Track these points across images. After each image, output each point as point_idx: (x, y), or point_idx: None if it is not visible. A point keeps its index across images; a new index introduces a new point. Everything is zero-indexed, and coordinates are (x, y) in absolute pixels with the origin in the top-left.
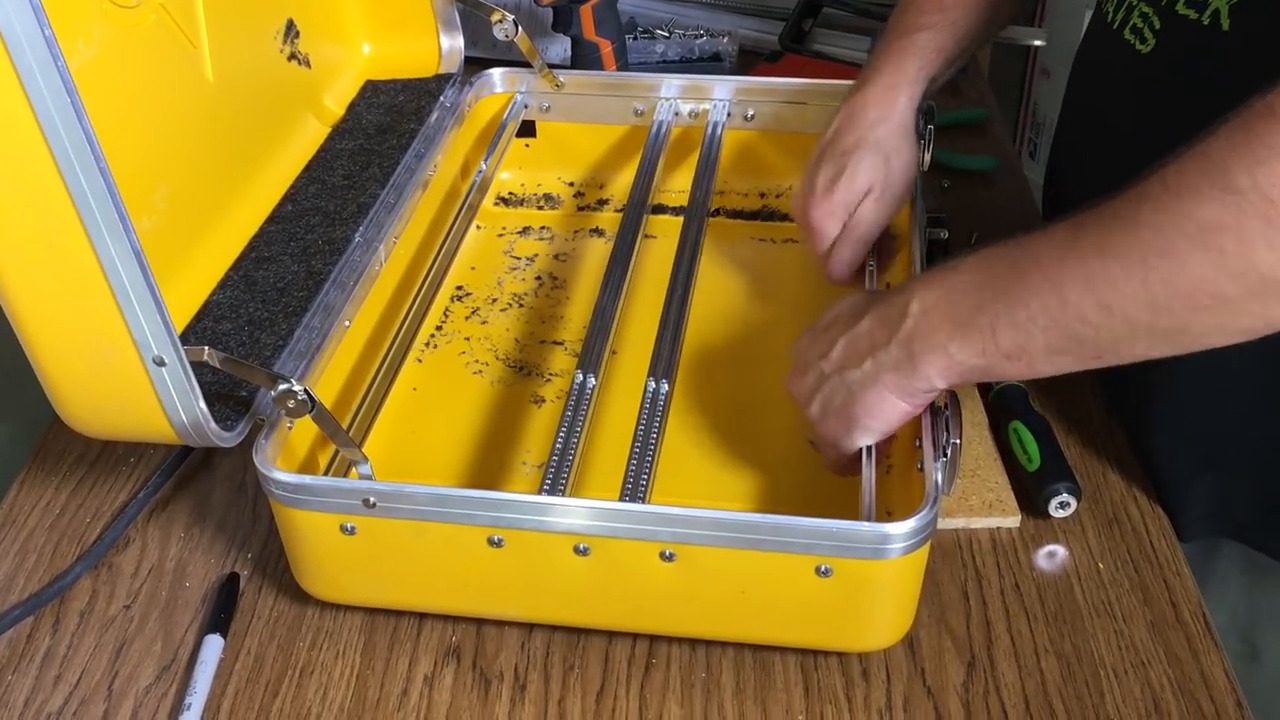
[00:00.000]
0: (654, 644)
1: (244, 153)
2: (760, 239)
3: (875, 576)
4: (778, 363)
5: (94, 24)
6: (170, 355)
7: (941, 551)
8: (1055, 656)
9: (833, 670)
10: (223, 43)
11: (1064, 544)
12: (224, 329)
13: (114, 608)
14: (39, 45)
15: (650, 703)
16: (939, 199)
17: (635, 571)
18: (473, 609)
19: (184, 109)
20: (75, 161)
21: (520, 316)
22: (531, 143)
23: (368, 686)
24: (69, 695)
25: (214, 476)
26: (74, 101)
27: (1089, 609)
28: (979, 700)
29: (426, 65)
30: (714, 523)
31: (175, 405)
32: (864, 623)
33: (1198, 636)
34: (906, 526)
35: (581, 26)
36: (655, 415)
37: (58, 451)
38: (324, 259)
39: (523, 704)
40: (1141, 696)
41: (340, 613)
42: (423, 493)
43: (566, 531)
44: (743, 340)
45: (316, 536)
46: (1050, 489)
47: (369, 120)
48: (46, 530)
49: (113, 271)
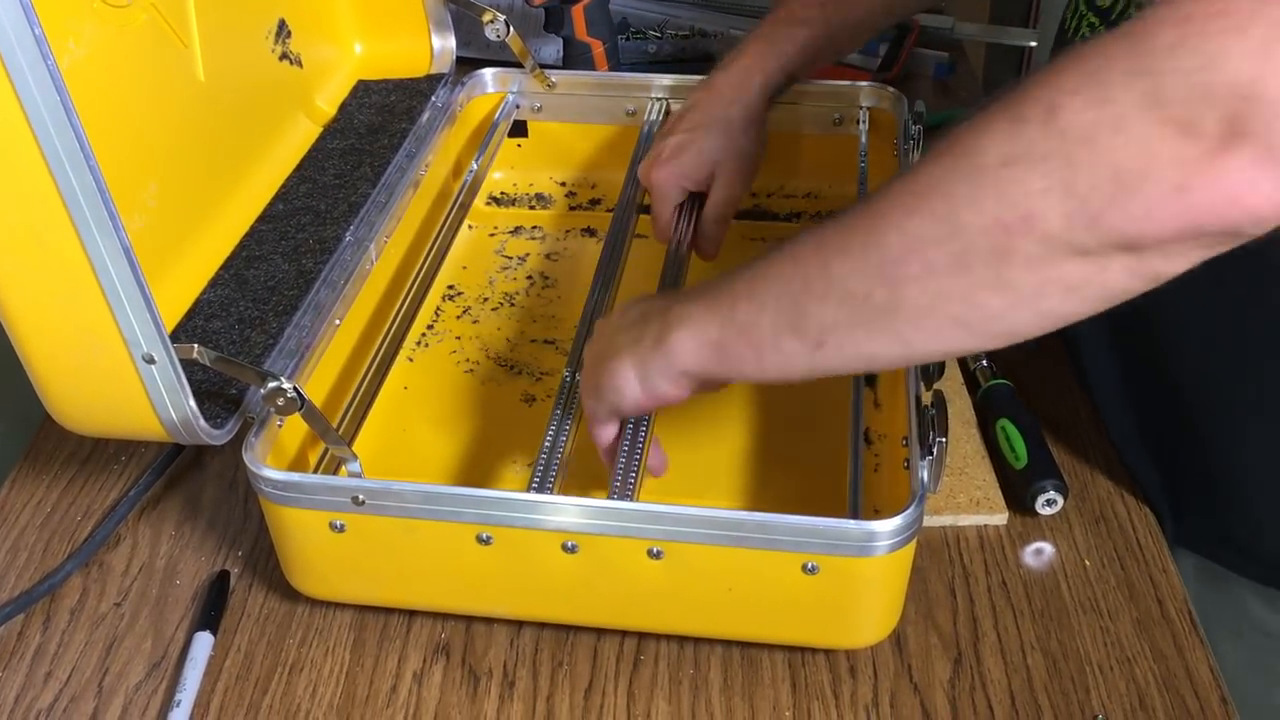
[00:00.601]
0: (642, 641)
1: (235, 152)
2: (751, 238)
3: (862, 574)
4: None
5: (85, 23)
6: (160, 353)
7: (929, 549)
8: (1041, 653)
9: (820, 667)
10: (214, 42)
11: (1051, 541)
12: (214, 327)
13: (105, 605)
14: (29, 44)
15: (638, 699)
16: None
17: (623, 569)
18: (462, 606)
19: (175, 108)
20: (65, 160)
21: (511, 316)
22: (523, 142)
23: (357, 683)
24: (59, 692)
25: (205, 474)
26: (64, 100)
27: (1075, 605)
28: (965, 696)
29: (418, 65)
30: (702, 520)
31: (165, 403)
32: (851, 620)
33: (1183, 633)
34: (893, 524)
35: (573, 27)
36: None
37: (49, 450)
38: (315, 258)
39: (511, 700)
40: (1127, 692)
41: (330, 610)
42: (412, 490)
43: (555, 529)
44: None
45: (306, 534)
46: (1037, 486)
47: (360, 120)
48: (38, 528)
49: (102, 270)
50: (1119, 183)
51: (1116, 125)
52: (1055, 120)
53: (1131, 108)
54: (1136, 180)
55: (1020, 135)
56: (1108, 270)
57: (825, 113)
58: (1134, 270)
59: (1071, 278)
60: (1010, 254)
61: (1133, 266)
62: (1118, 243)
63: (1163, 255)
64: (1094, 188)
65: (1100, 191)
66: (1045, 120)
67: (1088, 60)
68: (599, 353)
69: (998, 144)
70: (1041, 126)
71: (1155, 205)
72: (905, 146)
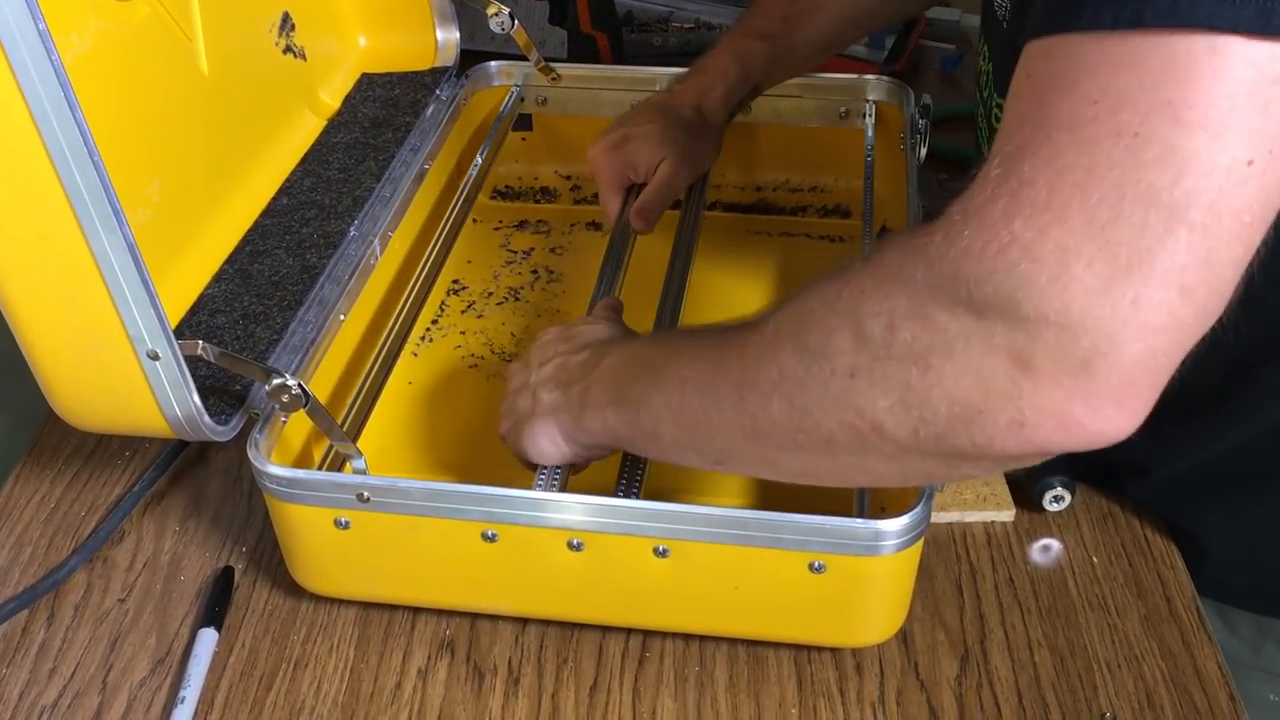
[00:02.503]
0: (648, 638)
1: (239, 146)
2: (756, 232)
3: (869, 573)
4: None
5: (88, 17)
6: (164, 349)
7: (936, 545)
8: (1049, 650)
9: (826, 664)
10: (218, 35)
11: (1058, 538)
12: (218, 323)
13: (109, 601)
14: (33, 39)
15: (644, 696)
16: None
17: (629, 567)
18: (467, 603)
19: (178, 102)
20: (69, 155)
21: (516, 310)
22: (528, 136)
23: (361, 680)
24: (63, 688)
25: (209, 470)
26: (68, 95)
27: (1083, 603)
28: (972, 694)
29: (422, 58)
30: (708, 519)
31: (169, 399)
32: (857, 619)
33: (1191, 630)
34: (900, 523)
35: (578, 20)
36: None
37: (53, 445)
38: (319, 253)
39: (516, 697)
40: (1135, 690)
41: (334, 606)
42: (417, 488)
43: (560, 527)
44: None
45: (311, 531)
46: (1044, 482)
47: (365, 113)
48: (42, 523)
49: (106, 265)
50: (955, 412)
51: (948, 352)
52: (894, 340)
53: (958, 337)
54: (973, 413)
55: (864, 349)
56: (962, 469)
57: (831, 106)
58: (978, 466)
59: (933, 470)
60: (867, 449)
61: (982, 467)
62: (964, 457)
63: (1004, 462)
64: (934, 413)
65: (940, 416)
66: (885, 339)
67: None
68: (524, 412)
69: (845, 354)
70: (882, 346)
71: (995, 436)
72: (912, 140)
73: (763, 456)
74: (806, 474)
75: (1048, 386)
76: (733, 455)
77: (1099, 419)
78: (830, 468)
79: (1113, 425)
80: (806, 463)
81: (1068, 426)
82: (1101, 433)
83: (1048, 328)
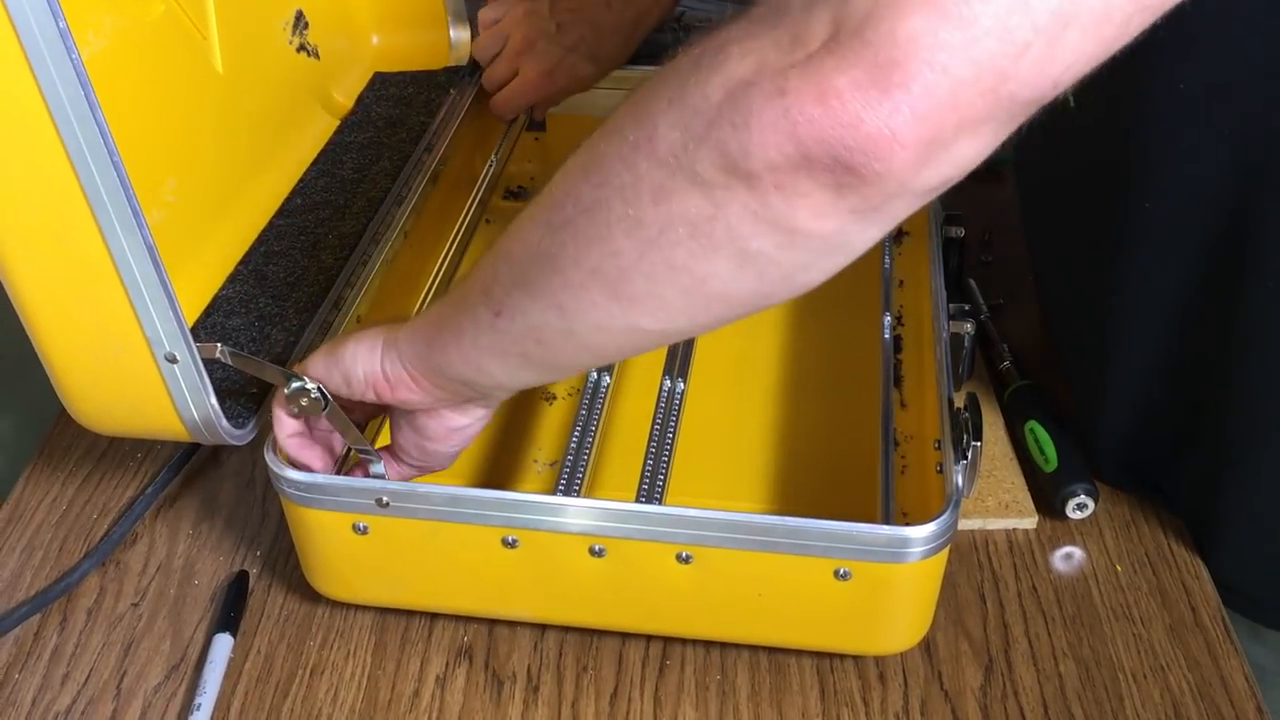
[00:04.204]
0: (668, 646)
1: (253, 145)
2: None
3: (895, 580)
4: (795, 359)
5: (104, 15)
6: (182, 352)
7: (958, 553)
8: (1074, 660)
9: (849, 673)
10: (232, 34)
11: (1081, 546)
12: (234, 324)
13: (122, 605)
14: (53, 37)
15: (665, 705)
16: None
17: (651, 573)
18: (485, 610)
19: (193, 101)
20: (88, 154)
21: None
22: (542, 136)
23: (379, 687)
24: (77, 694)
25: (222, 472)
26: (88, 94)
27: (1107, 612)
28: (997, 704)
29: (436, 57)
30: (731, 525)
31: (187, 403)
32: (882, 626)
33: (1217, 640)
34: (927, 530)
35: None
36: (671, 414)
37: (64, 446)
38: (335, 253)
39: (535, 705)
40: (1161, 701)
41: (351, 612)
42: (437, 493)
43: (581, 533)
44: (757, 336)
45: (328, 536)
46: (1067, 490)
47: (378, 113)
48: (53, 526)
49: (125, 267)
50: (727, 91)
51: (743, 40)
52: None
53: (759, 24)
54: (743, 88)
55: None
56: (728, 209)
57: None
58: (756, 214)
59: (692, 213)
60: (638, 184)
61: (753, 208)
62: (725, 164)
63: (780, 192)
64: (705, 97)
65: (710, 101)
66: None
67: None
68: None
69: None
70: (690, 59)
71: (754, 110)
72: None
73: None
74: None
75: (822, 56)
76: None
77: (861, 99)
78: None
79: (875, 114)
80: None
81: (826, 98)
82: (860, 119)
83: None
